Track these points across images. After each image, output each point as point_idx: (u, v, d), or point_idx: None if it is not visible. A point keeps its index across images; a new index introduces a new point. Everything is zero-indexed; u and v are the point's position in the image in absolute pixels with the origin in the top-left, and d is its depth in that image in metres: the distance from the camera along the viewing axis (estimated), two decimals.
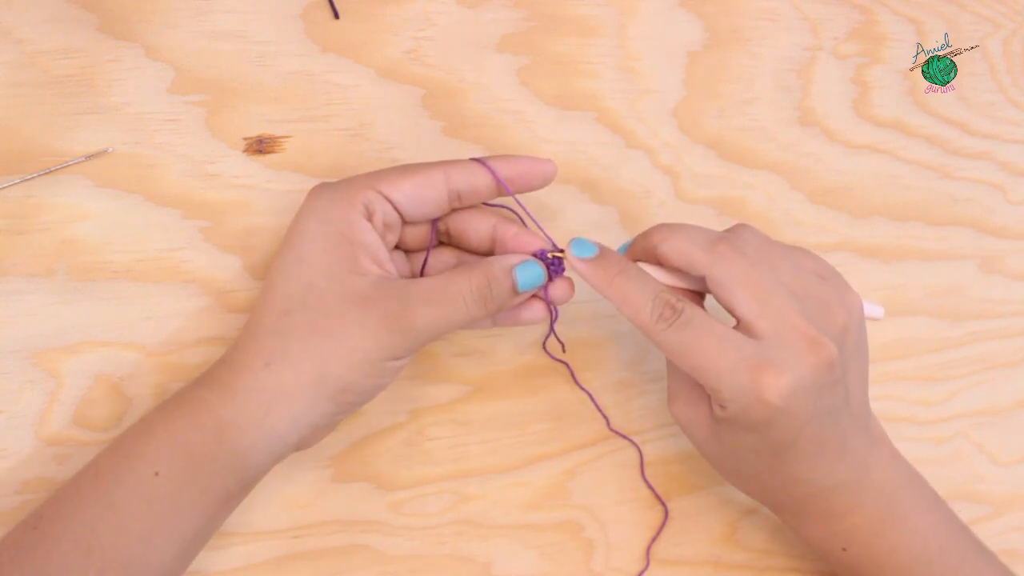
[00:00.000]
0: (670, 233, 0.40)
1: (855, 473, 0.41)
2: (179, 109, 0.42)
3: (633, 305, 0.39)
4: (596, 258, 0.40)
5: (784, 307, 0.38)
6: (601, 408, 0.48)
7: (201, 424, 0.36)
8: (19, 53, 0.40)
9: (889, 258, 0.55)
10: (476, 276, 0.39)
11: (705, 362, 0.38)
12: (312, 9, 0.44)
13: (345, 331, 0.37)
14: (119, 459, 0.36)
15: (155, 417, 0.37)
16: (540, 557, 0.47)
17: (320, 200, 0.38)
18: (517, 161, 0.41)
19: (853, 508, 0.42)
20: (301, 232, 0.38)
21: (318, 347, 0.37)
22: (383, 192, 0.38)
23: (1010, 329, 0.58)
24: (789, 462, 0.40)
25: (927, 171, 0.56)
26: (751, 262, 0.39)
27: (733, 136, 0.52)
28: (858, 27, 0.55)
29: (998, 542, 0.56)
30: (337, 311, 0.37)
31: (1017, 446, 0.57)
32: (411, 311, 0.37)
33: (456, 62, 0.46)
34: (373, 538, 0.44)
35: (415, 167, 0.40)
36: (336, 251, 0.37)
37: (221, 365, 0.38)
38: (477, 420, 0.46)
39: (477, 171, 0.40)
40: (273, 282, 0.38)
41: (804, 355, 0.38)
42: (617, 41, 0.49)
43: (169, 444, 0.36)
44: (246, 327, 0.38)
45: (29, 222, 0.40)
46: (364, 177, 0.39)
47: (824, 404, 0.39)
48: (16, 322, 0.40)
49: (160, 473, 0.35)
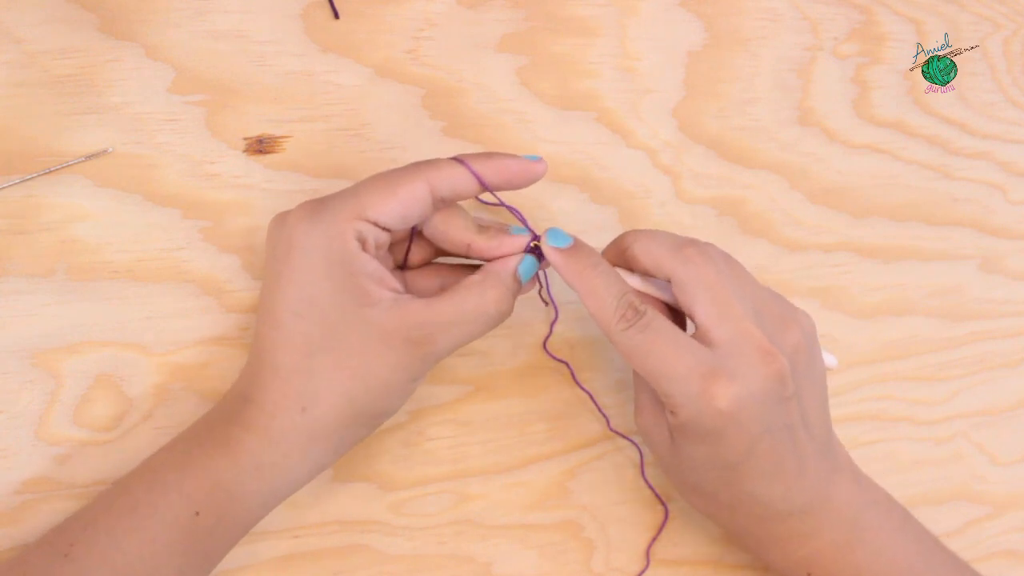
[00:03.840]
0: (640, 235, 0.41)
1: (815, 499, 0.42)
2: (179, 109, 0.42)
3: (598, 300, 0.39)
4: (569, 248, 0.40)
5: (742, 316, 0.39)
6: (601, 408, 0.48)
7: (242, 466, 0.37)
8: (19, 53, 0.40)
9: (889, 258, 0.55)
10: (491, 291, 0.39)
11: (659, 366, 0.38)
12: (312, 9, 0.44)
13: (372, 365, 0.37)
14: (157, 492, 0.36)
15: (192, 453, 0.37)
16: (540, 557, 0.47)
17: (312, 238, 0.37)
18: (499, 161, 0.40)
19: (813, 534, 0.42)
20: (302, 271, 0.37)
21: (349, 386, 0.37)
22: (371, 219, 0.37)
23: (1010, 329, 0.58)
24: (744, 478, 0.40)
25: (927, 171, 0.56)
26: (716, 269, 0.39)
27: (733, 136, 0.52)
28: (858, 27, 0.55)
29: (998, 542, 0.56)
30: (360, 348, 0.37)
31: (1017, 446, 0.57)
32: (433, 337, 0.38)
33: (456, 62, 0.46)
34: (373, 538, 0.44)
35: (396, 179, 0.38)
36: (345, 288, 0.37)
37: (250, 405, 0.37)
38: (477, 420, 0.46)
39: (459, 174, 0.39)
40: (282, 321, 0.37)
41: (756, 365, 0.38)
42: (617, 41, 0.49)
43: (210, 484, 0.36)
44: (263, 364, 0.38)
45: (29, 222, 0.40)
46: (347, 202, 0.37)
47: (778, 418, 0.39)
48: (16, 322, 0.40)
49: (200, 513, 0.36)
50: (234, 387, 0.39)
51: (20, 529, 0.39)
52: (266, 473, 0.37)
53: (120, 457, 0.40)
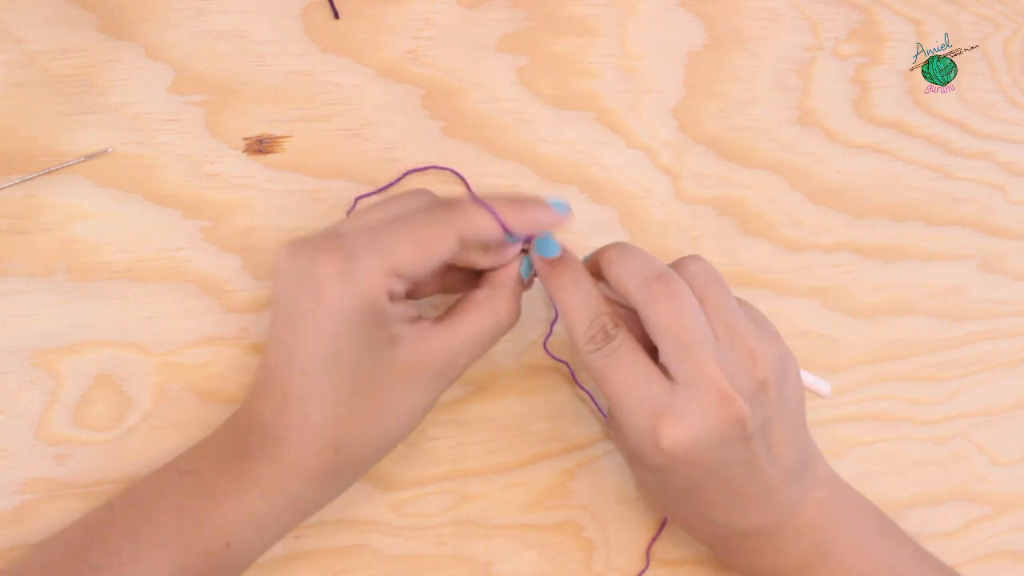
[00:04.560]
0: (616, 258, 0.41)
1: (778, 519, 0.42)
2: (179, 109, 0.42)
3: (572, 317, 0.40)
4: (554, 260, 0.41)
5: (703, 359, 0.38)
6: (601, 408, 0.48)
7: (276, 503, 0.38)
8: (19, 53, 0.40)
9: (889, 258, 0.55)
10: (502, 304, 0.40)
11: (616, 394, 0.39)
12: (312, 9, 0.44)
13: (402, 402, 0.39)
14: (185, 523, 0.36)
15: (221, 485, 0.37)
16: (540, 557, 0.47)
17: (346, 298, 0.36)
18: (527, 212, 0.40)
19: (775, 550, 0.43)
20: (334, 328, 0.36)
21: (384, 425, 0.39)
22: (401, 274, 0.37)
23: (1010, 329, 0.58)
24: (697, 505, 0.41)
25: (927, 171, 0.56)
26: (681, 309, 0.39)
27: (733, 136, 0.52)
28: (858, 27, 0.55)
29: (998, 542, 0.56)
30: (389, 387, 0.38)
31: (1017, 446, 0.57)
32: (457, 362, 0.39)
33: (456, 62, 0.46)
34: (373, 538, 0.44)
35: (428, 234, 0.38)
36: (375, 337, 0.37)
37: (281, 445, 0.37)
38: (477, 420, 0.46)
39: (488, 223, 0.39)
40: (311, 371, 0.37)
41: (711, 409, 0.38)
42: (617, 41, 0.49)
43: (243, 518, 0.37)
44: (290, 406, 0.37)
45: (29, 222, 0.40)
46: (378, 258, 0.37)
47: (733, 456, 0.39)
48: (16, 322, 0.40)
49: (231, 545, 0.37)
50: (253, 414, 0.39)
51: (20, 529, 0.39)
52: (298, 505, 0.39)
53: (120, 457, 0.40)
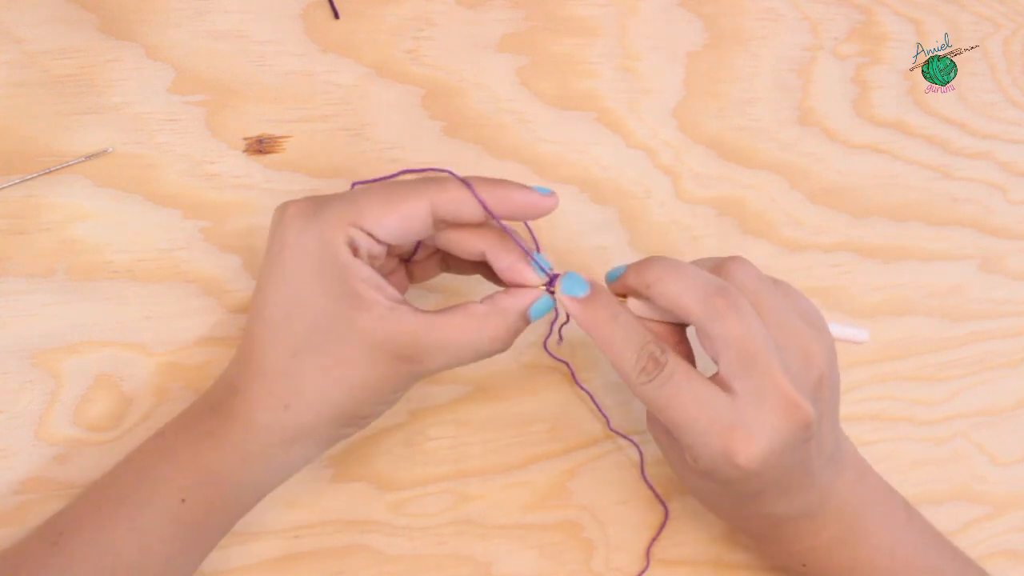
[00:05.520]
0: (665, 275, 0.39)
1: (817, 502, 0.42)
2: (179, 109, 0.42)
3: (618, 353, 0.38)
4: (587, 298, 0.39)
5: (768, 369, 0.37)
6: (601, 408, 0.48)
7: (225, 456, 0.37)
8: (19, 53, 0.40)
9: (889, 258, 0.55)
10: (491, 327, 0.38)
11: (681, 419, 0.38)
12: (312, 9, 0.44)
13: (357, 375, 0.37)
14: (143, 481, 0.37)
15: (178, 441, 0.37)
16: (540, 557, 0.47)
17: (304, 238, 0.36)
18: (507, 190, 0.38)
19: (813, 532, 0.43)
20: (293, 271, 0.37)
21: (333, 392, 0.37)
22: (366, 228, 0.37)
23: (1010, 329, 0.58)
24: (754, 504, 0.41)
25: (927, 171, 0.56)
26: (744, 321, 0.38)
27: (733, 136, 0.52)
28: (858, 27, 0.55)
29: (998, 542, 0.56)
30: (347, 354, 0.37)
31: (1017, 446, 0.57)
32: (421, 356, 0.37)
33: (456, 62, 0.46)
34: (373, 538, 0.44)
35: (398, 193, 0.37)
36: (337, 292, 0.36)
37: (235, 396, 0.37)
38: (477, 420, 0.46)
39: (464, 198, 0.37)
40: (271, 319, 0.37)
41: (781, 418, 0.37)
42: (617, 41, 0.49)
43: (196, 472, 0.37)
44: (251, 358, 0.37)
45: (29, 222, 0.40)
46: (345, 207, 0.37)
47: (796, 458, 0.39)
48: (16, 322, 0.40)
49: (187, 500, 0.36)
50: (222, 376, 0.39)
51: (20, 529, 0.39)
52: (252, 464, 0.37)
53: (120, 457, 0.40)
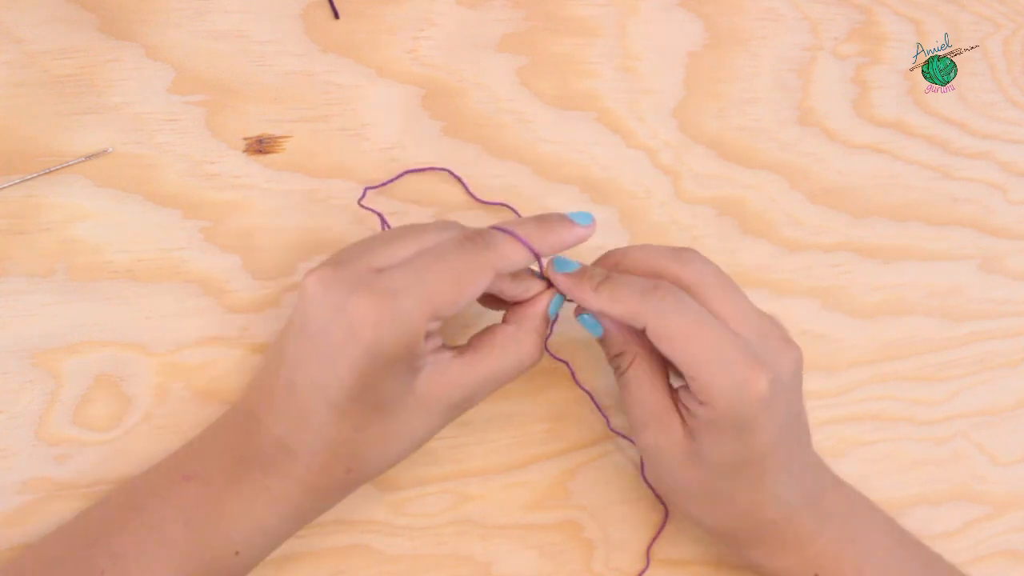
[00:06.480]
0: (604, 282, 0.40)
1: (812, 496, 0.42)
2: (179, 109, 0.42)
3: (624, 301, 0.38)
4: (577, 271, 0.40)
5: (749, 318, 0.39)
6: (601, 408, 0.48)
7: (281, 513, 0.38)
8: (19, 53, 0.40)
9: (889, 258, 0.55)
10: (526, 344, 0.40)
11: (702, 352, 0.37)
12: (312, 9, 0.44)
13: (415, 430, 0.39)
14: (195, 532, 0.36)
15: (229, 494, 0.37)
16: (540, 557, 0.47)
17: (384, 341, 0.35)
18: (555, 234, 0.39)
19: (817, 531, 0.43)
20: (366, 366, 0.36)
21: (393, 449, 0.39)
22: (441, 316, 0.37)
23: (1010, 329, 0.58)
24: (768, 472, 0.40)
25: (927, 171, 0.56)
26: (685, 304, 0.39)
27: (733, 136, 0.52)
28: (858, 27, 0.55)
29: (998, 542, 0.56)
30: (406, 417, 0.38)
31: (1017, 446, 0.57)
32: (473, 397, 0.39)
33: (456, 62, 0.46)
34: (373, 538, 0.44)
35: (464, 272, 0.37)
36: (404, 369, 0.37)
37: (294, 461, 0.37)
38: (477, 420, 0.46)
39: (519, 254, 0.38)
40: (336, 402, 0.36)
41: (782, 351, 0.39)
42: (617, 41, 0.49)
43: (251, 528, 0.37)
44: (308, 425, 0.37)
45: (29, 222, 0.40)
46: (418, 300, 0.36)
47: (795, 405, 0.40)
48: (16, 322, 0.40)
49: (240, 553, 0.37)
50: (262, 426, 0.38)
51: (20, 529, 0.39)
52: (304, 517, 0.39)
53: (120, 457, 0.40)
